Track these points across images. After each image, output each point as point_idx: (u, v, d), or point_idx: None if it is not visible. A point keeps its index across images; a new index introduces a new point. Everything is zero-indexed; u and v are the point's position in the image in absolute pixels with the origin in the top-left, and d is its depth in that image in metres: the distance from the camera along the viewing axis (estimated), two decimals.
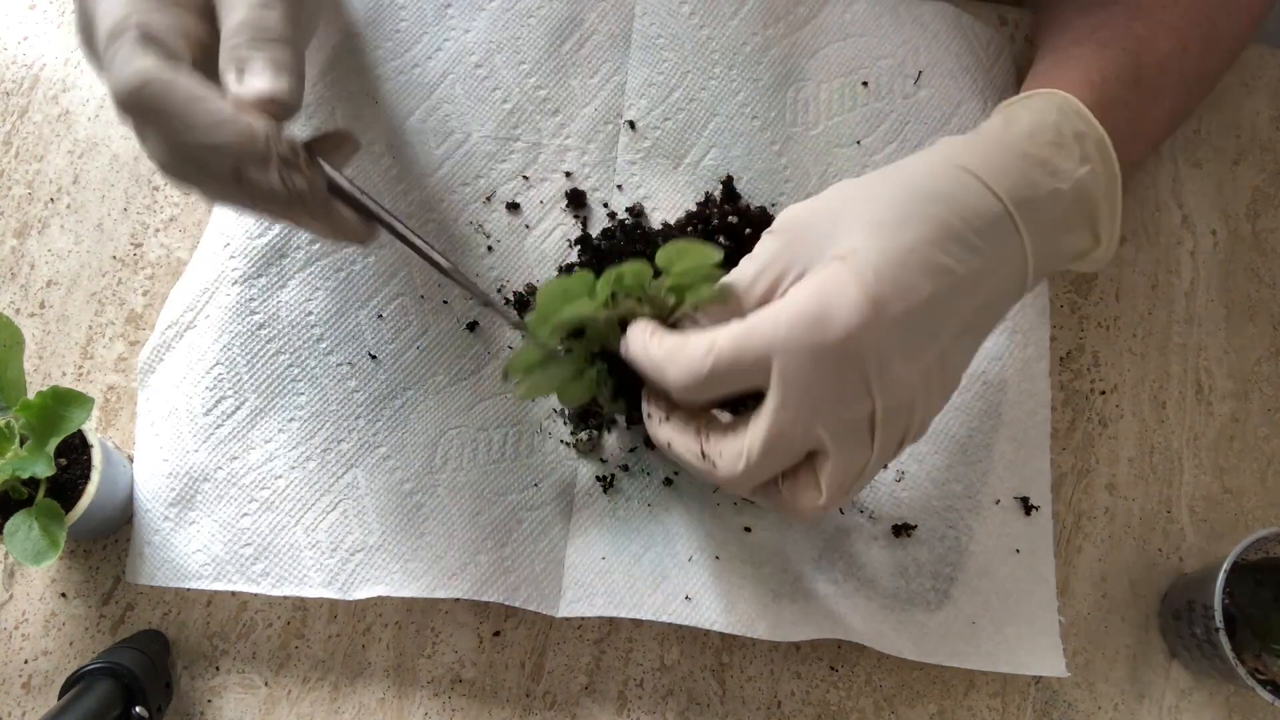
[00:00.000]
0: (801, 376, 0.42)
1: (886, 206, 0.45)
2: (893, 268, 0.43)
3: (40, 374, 0.62)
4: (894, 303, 0.42)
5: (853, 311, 0.41)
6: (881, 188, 0.46)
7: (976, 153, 0.47)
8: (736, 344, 0.43)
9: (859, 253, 0.43)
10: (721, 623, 0.56)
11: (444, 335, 0.62)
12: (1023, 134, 0.49)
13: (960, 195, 0.46)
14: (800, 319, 0.42)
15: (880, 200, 0.45)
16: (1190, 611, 0.58)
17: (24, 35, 0.67)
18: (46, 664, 0.58)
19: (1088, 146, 0.50)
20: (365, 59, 0.64)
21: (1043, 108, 0.51)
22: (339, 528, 0.58)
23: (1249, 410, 0.66)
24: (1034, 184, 0.47)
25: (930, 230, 0.44)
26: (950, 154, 0.47)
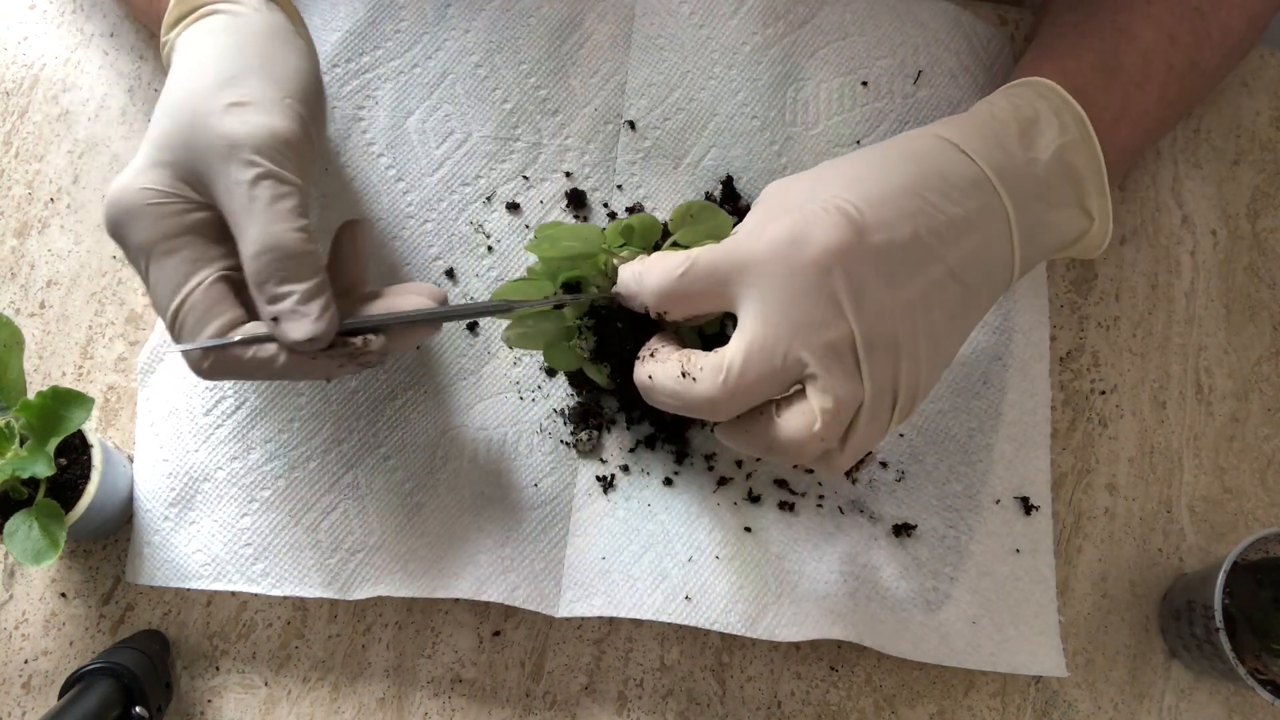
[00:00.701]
0: (778, 292, 0.44)
1: (866, 165, 0.47)
2: (873, 206, 0.45)
3: (40, 374, 0.62)
4: (873, 232, 0.44)
5: (831, 231, 0.43)
6: (862, 154, 0.49)
7: (954, 126, 0.50)
8: (714, 256, 0.46)
9: (840, 196, 0.45)
10: (721, 623, 0.56)
11: (444, 335, 0.62)
12: (1000, 112, 0.51)
13: (938, 158, 0.47)
14: (779, 238, 0.44)
15: (860, 161, 0.48)
16: (1190, 611, 0.58)
17: (24, 35, 0.67)
18: (46, 664, 0.58)
19: (1065, 119, 0.51)
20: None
21: (1020, 92, 0.53)
22: (339, 528, 0.58)
23: (1249, 410, 0.66)
24: (1011, 154, 0.49)
25: (910, 180, 0.46)
26: (930, 129, 0.50)
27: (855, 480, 0.61)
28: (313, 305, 0.45)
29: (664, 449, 0.61)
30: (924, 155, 0.47)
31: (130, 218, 0.45)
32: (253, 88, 0.46)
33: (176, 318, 0.45)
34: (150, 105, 0.66)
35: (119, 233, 0.46)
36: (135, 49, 0.68)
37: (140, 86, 0.67)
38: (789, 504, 0.60)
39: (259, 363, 0.45)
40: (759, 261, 0.44)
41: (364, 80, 0.64)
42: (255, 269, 0.44)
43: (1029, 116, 0.51)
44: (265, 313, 0.45)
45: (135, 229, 0.45)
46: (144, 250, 0.45)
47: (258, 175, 0.44)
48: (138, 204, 0.45)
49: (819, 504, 0.60)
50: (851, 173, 0.47)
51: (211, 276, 0.45)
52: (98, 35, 0.68)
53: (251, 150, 0.44)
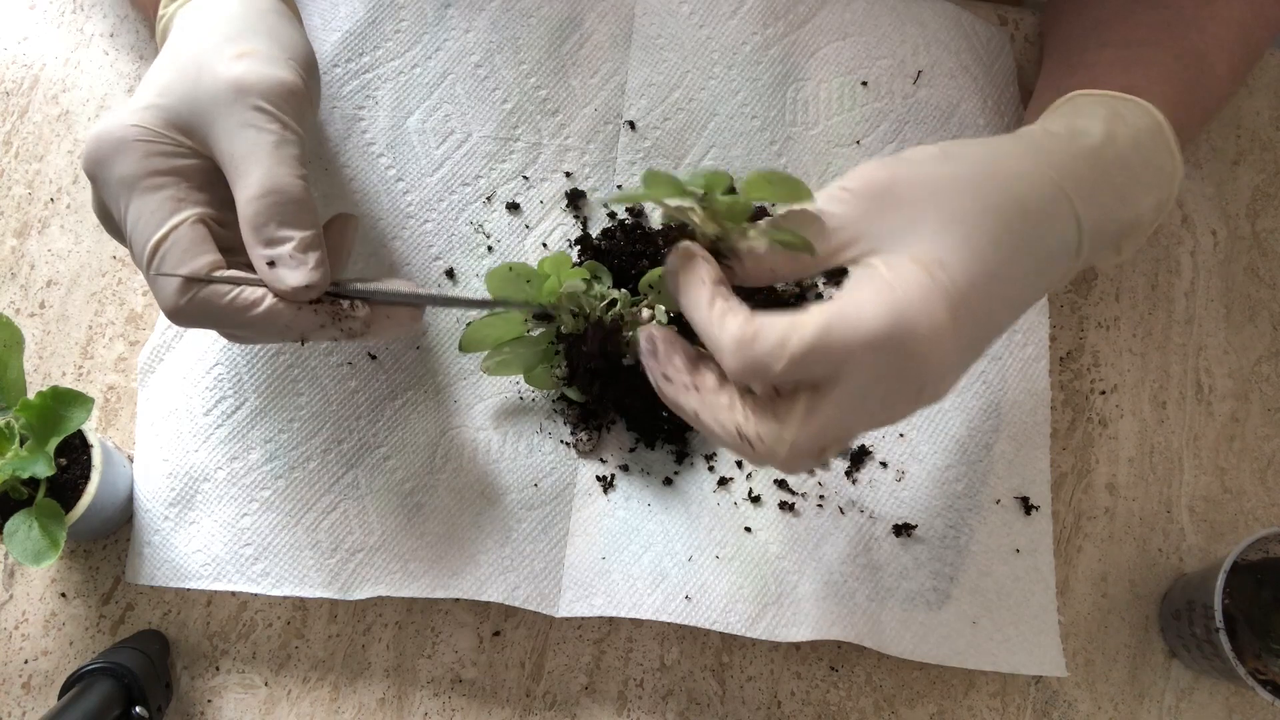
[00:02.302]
0: (869, 387, 0.41)
1: (979, 219, 0.43)
2: (980, 298, 0.42)
3: (40, 374, 0.62)
4: (973, 331, 0.42)
5: (936, 341, 0.40)
6: (972, 186, 0.44)
7: (1071, 169, 0.47)
8: (811, 350, 0.40)
9: (948, 270, 0.41)
10: (721, 623, 0.56)
11: (444, 335, 0.62)
12: (1115, 158, 0.49)
13: (1052, 221, 0.45)
14: (881, 336, 0.40)
15: (971, 207, 0.43)
16: (1190, 611, 0.58)
17: (24, 35, 0.67)
18: (46, 664, 0.58)
19: (1163, 178, 0.51)
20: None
21: (1136, 126, 0.51)
22: (339, 528, 0.58)
23: (1249, 410, 0.66)
24: (1110, 218, 0.48)
25: (1020, 259, 0.44)
26: (1047, 160, 0.46)
27: (855, 480, 0.61)
28: (310, 255, 0.45)
29: (664, 449, 0.61)
30: (1039, 218, 0.45)
31: (117, 151, 0.44)
32: (259, 43, 0.47)
33: (157, 251, 0.44)
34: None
35: (101, 167, 0.45)
36: (135, 49, 0.68)
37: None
38: (789, 504, 0.60)
39: (240, 306, 0.44)
40: (858, 358, 0.40)
41: (364, 80, 0.64)
42: (255, 211, 0.44)
43: (1138, 173, 0.49)
44: (260, 256, 0.44)
45: (120, 162, 0.44)
46: (127, 184, 0.44)
47: (265, 119, 0.44)
48: (127, 138, 0.44)
49: (819, 504, 0.60)
50: (961, 225, 0.43)
51: (195, 216, 0.45)
52: (98, 35, 0.68)
53: (259, 95, 0.45)
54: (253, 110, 0.44)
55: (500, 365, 0.59)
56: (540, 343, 0.58)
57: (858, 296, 0.41)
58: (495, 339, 0.58)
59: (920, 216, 0.43)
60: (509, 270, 0.54)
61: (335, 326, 0.47)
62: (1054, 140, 0.49)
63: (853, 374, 0.40)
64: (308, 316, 0.46)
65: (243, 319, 0.45)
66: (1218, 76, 0.56)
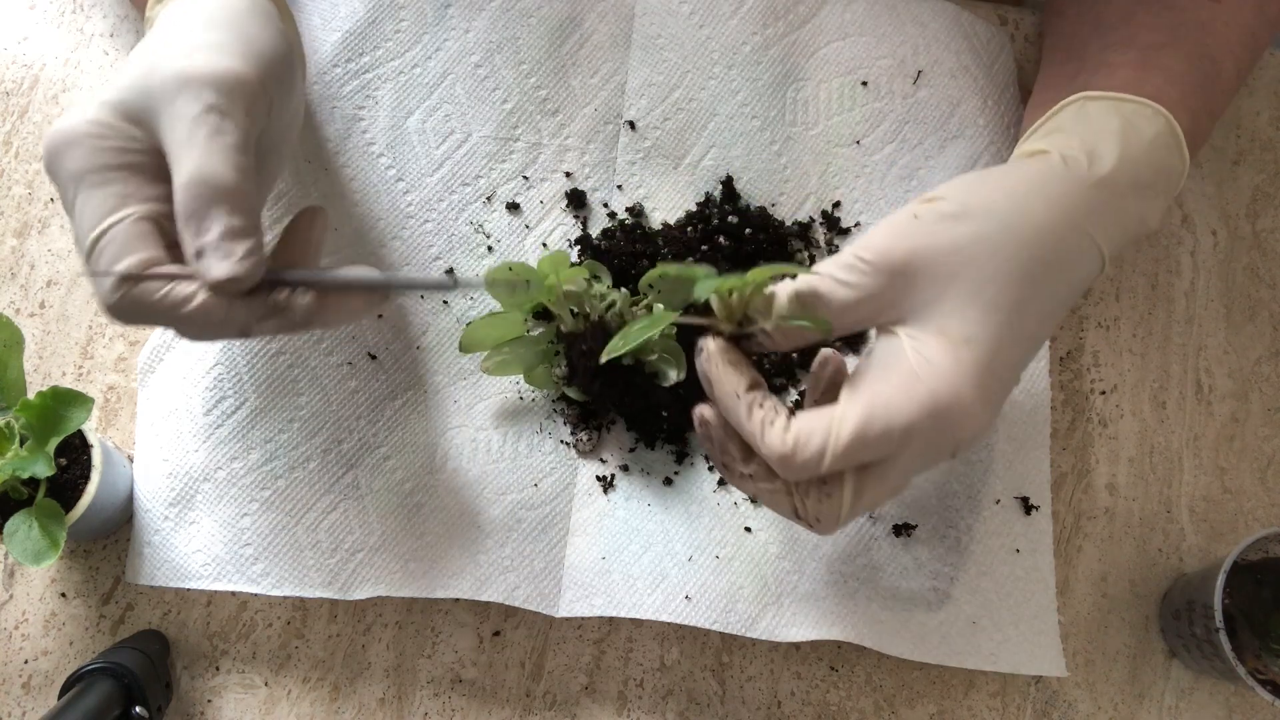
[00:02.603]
0: (907, 463, 0.44)
1: (1004, 286, 0.45)
2: (1005, 363, 0.45)
3: (40, 374, 0.62)
4: (1000, 390, 0.46)
5: (966, 416, 0.44)
6: (995, 251, 0.46)
7: (1093, 206, 0.48)
8: (849, 453, 0.43)
9: (974, 347, 0.44)
10: (721, 622, 0.56)
11: (444, 335, 0.62)
12: (1132, 181, 0.50)
13: (1077, 264, 0.48)
14: (916, 427, 0.43)
15: (996, 274, 0.45)
16: (1190, 611, 0.58)
17: (24, 35, 0.67)
18: (46, 664, 0.58)
19: (1172, 182, 0.53)
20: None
21: (1147, 135, 0.52)
22: (339, 528, 0.58)
23: (1249, 410, 0.66)
24: (1129, 237, 0.50)
25: (1045, 311, 0.47)
26: (1070, 203, 0.48)
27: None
28: (238, 245, 0.43)
29: (664, 449, 0.61)
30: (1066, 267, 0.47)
31: (68, 146, 0.44)
32: (216, 36, 0.46)
33: (95, 247, 0.43)
34: None
35: (55, 164, 0.44)
36: None
37: None
38: None
39: (173, 302, 0.43)
40: (897, 452, 0.44)
41: (364, 80, 0.64)
42: (184, 200, 0.43)
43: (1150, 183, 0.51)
44: (189, 247, 0.43)
45: (70, 157, 0.44)
46: (75, 179, 0.44)
47: (203, 108, 0.43)
48: (79, 133, 0.44)
49: None
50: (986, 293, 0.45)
51: (139, 213, 0.44)
52: (98, 35, 0.68)
53: (201, 84, 0.44)
54: (193, 100, 0.44)
55: (500, 365, 0.59)
56: (540, 342, 0.58)
57: (888, 389, 0.44)
58: (495, 339, 0.58)
59: (944, 292, 0.45)
60: (508, 269, 0.54)
61: (275, 319, 0.45)
62: (1073, 173, 0.49)
63: (891, 458, 0.44)
64: (241, 309, 0.44)
65: (176, 315, 0.43)
66: (1226, 78, 0.56)
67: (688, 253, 0.62)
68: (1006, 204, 0.47)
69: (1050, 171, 0.50)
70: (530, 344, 0.58)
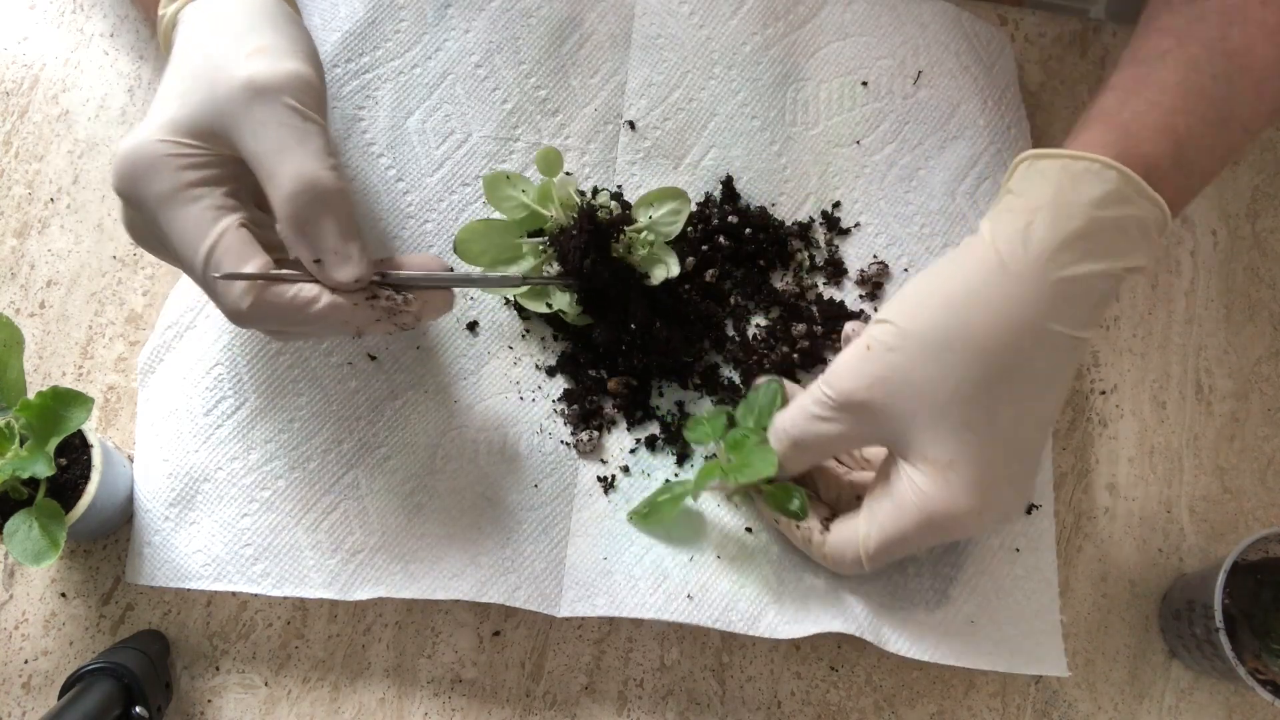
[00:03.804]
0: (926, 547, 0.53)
1: (965, 405, 0.48)
2: (1007, 472, 0.49)
3: (40, 374, 0.62)
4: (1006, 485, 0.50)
5: (969, 520, 0.49)
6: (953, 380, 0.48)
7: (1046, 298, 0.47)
8: (876, 561, 0.52)
9: (958, 468, 0.48)
10: (723, 621, 0.56)
11: (444, 335, 0.62)
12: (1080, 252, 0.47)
13: (1050, 359, 0.48)
14: (925, 538, 0.50)
15: (951, 396, 0.48)
16: (1190, 611, 0.58)
17: (24, 35, 0.67)
18: (46, 664, 0.58)
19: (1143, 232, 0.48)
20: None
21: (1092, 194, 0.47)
22: (339, 528, 0.58)
23: (1249, 410, 0.66)
24: (1099, 306, 0.48)
25: (1032, 415, 0.49)
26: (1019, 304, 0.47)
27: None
28: (352, 246, 0.45)
29: (664, 450, 0.61)
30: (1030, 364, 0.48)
31: (149, 169, 0.44)
32: (267, 39, 0.47)
33: (210, 257, 0.45)
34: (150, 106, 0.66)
35: (135, 187, 0.45)
36: (135, 49, 0.68)
37: (140, 86, 0.67)
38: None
39: (301, 303, 0.45)
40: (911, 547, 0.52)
41: (364, 80, 0.64)
42: (292, 209, 0.44)
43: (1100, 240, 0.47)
44: (306, 254, 0.45)
45: (155, 180, 0.45)
46: (165, 199, 0.45)
47: (286, 114, 0.44)
48: (157, 155, 0.44)
49: None
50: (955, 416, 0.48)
51: (238, 221, 0.45)
52: (98, 35, 0.68)
53: (278, 91, 0.45)
54: (272, 106, 0.44)
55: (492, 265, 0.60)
56: (533, 251, 0.60)
57: (895, 511, 0.50)
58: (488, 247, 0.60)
59: (912, 424, 0.49)
60: (505, 179, 0.59)
61: (390, 320, 0.48)
62: (1010, 267, 0.47)
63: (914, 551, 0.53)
64: (365, 312, 0.47)
65: (304, 315, 0.46)
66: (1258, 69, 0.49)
67: (688, 252, 0.62)
68: (945, 321, 0.48)
69: (987, 271, 0.47)
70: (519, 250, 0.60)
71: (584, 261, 0.57)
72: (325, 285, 0.46)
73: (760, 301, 0.64)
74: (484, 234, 0.59)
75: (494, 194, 0.60)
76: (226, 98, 0.45)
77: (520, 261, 0.60)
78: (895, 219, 0.65)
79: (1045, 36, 0.71)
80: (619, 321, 0.60)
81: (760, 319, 0.64)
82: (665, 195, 0.61)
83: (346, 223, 0.45)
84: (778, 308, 0.63)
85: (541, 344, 0.62)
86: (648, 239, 0.59)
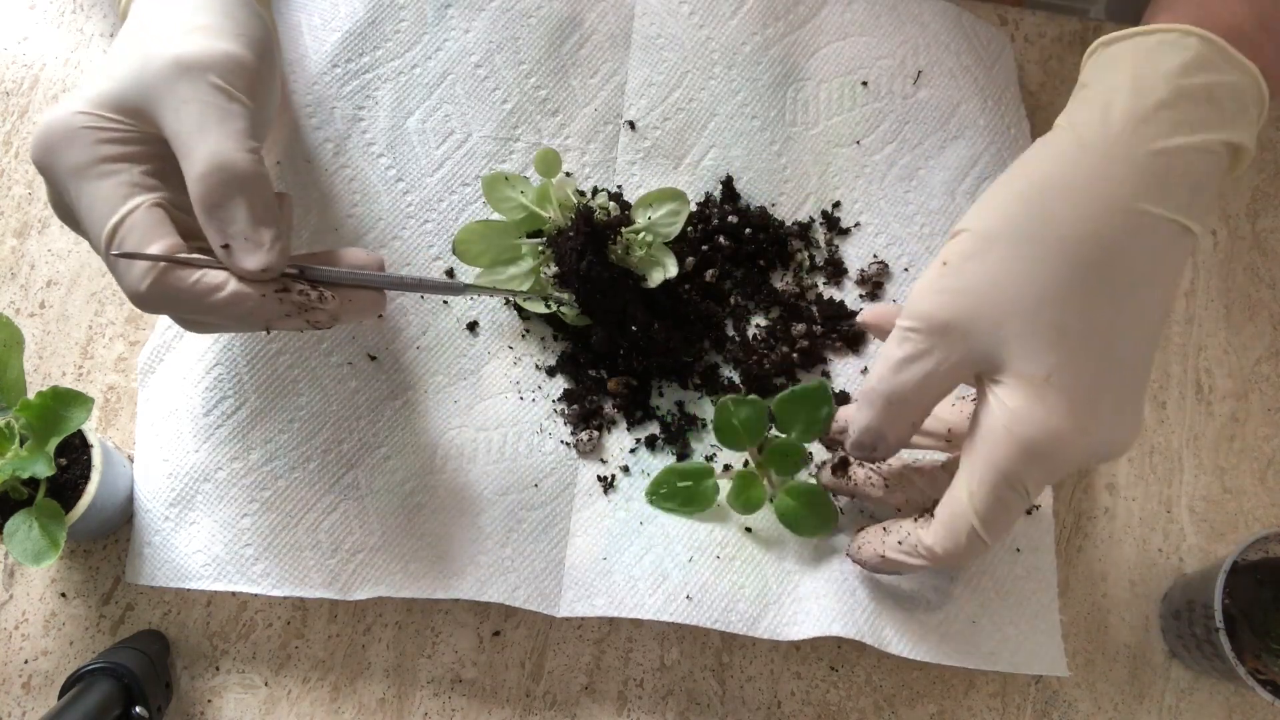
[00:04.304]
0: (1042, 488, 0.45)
1: (1059, 305, 0.43)
2: (1111, 382, 0.43)
3: (40, 374, 0.62)
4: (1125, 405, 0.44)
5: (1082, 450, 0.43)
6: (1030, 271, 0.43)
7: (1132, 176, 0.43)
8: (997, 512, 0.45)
9: (1056, 383, 0.43)
10: (723, 622, 0.56)
11: (444, 335, 0.62)
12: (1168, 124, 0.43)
13: (1150, 245, 0.43)
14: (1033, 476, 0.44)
15: (1042, 296, 0.43)
16: (1190, 611, 0.58)
17: (24, 35, 0.67)
18: (46, 664, 0.58)
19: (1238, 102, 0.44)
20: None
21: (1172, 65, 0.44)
22: (340, 528, 0.58)
23: (1249, 410, 0.66)
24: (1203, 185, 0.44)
25: (1136, 310, 0.43)
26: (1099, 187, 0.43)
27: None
28: (264, 233, 0.43)
29: (664, 449, 0.61)
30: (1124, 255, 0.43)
31: (66, 141, 0.43)
32: (206, 19, 0.46)
33: (115, 236, 0.42)
34: None
35: (49, 158, 0.43)
36: None
37: None
38: None
39: (204, 289, 0.43)
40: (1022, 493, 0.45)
41: (364, 80, 0.64)
42: (204, 190, 0.42)
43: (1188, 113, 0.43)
44: (215, 239, 0.43)
45: (70, 153, 0.43)
46: (75, 172, 0.43)
47: (208, 92, 0.43)
48: (74, 127, 0.43)
49: None
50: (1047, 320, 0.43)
51: (151, 200, 0.43)
52: (98, 35, 0.68)
53: (203, 69, 0.43)
54: (196, 84, 0.43)
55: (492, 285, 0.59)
56: (532, 252, 0.60)
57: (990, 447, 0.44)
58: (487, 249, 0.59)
59: (1003, 334, 0.43)
60: (504, 180, 0.60)
61: (301, 316, 0.45)
62: (1090, 146, 0.44)
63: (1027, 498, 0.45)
64: (273, 305, 0.44)
65: (207, 303, 0.43)
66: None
67: (688, 252, 0.62)
68: (1025, 213, 0.44)
69: (1064, 155, 0.44)
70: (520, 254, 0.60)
71: (580, 264, 0.57)
72: (233, 273, 0.43)
73: (760, 301, 0.64)
74: (483, 235, 0.59)
75: (492, 195, 0.60)
76: (154, 73, 0.43)
77: (519, 262, 0.60)
78: (895, 219, 0.65)
79: (1045, 36, 0.71)
80: (617, 324, 0.60)
81: (760, 319, 0.64)
82: (664, 196, 0.61)
83: (261, 209, 0.43)
84: (778, 308, 0.63)
85: (541, 344, 0.62)
86: (646, 240, 0.59)
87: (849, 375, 0.63)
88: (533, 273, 0.60)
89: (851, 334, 0.63)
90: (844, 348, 0.63)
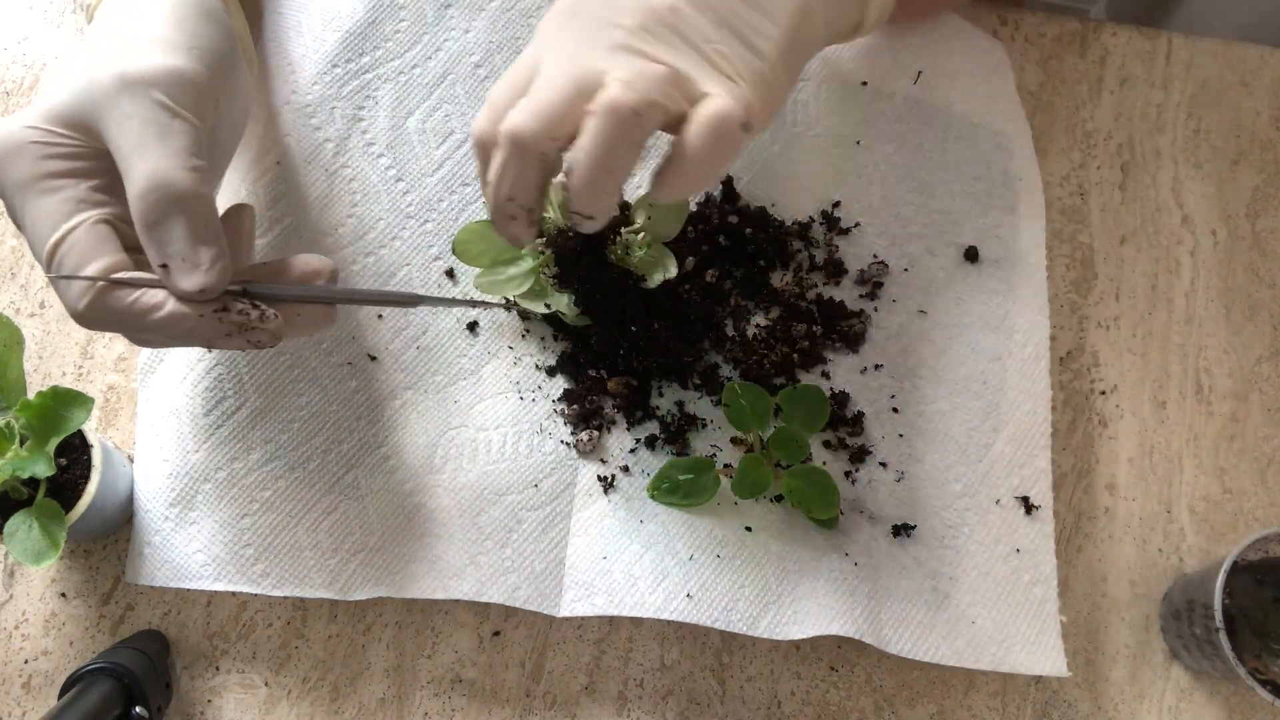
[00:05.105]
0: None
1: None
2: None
3: (40, 374, 0.62)
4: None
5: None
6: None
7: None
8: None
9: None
10: (724, 621, 0.56)
11: (444, 335, 0.62)
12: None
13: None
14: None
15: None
16: (1190, 611, 0.58)
17: (24, 35, 0.67)
18: (46, 664, 0.58)
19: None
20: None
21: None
22: (340, 528, 0.58)
23: (1249, 410, 0.66)
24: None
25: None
26: None
27: (855, 481, 0.61)
28: (203, 252, 0.42)
29: (664, 449, 0.61)
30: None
31: (13, 155, 0.42)
32: (165, 33, 0.45)
33: (55, 254, 0.42)
34: None
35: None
36: None
37: None
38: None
39: (141, 309, 0.42)
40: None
41: (364, 80, 0.64)
42: (143, 208, 0.42)
43: None
44: (153, 257, 0.42)
45: (15, 167, 0.42)
46: (21, 187, 0.42)
47: (151, 109, 0.42)
48: (22, 141, 0.42)
49: None
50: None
51: (95, 217, 0.43)
52: None
53: (147, 85, 0.43)
54: (139, 100, 0.42)
55: (493, 285, 0.59)
56: (529, 262, 0.59)
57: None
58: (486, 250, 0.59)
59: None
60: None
61: (241, 336, 0.44)
62: None
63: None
64: (210, 324, 0.43)
65: (145, 322, 0.43)
66: None
67: (688, 252, 0.62)
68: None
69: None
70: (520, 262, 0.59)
71: (580, 264, 0.57)
72: (171, 293, 0.43)
73: (760, 301, 0.64)
74: (483, 235, 0.59)
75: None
76: (100, 88, 0.43)
77: (519, 262, 0.60)
78: (895, 219, 0.65)
79: (1045, 36, 0.71)
80: (617, 324, 0.60)
81: (760, 319, 0.64)
82: None
83: (201, 228, 0.42)
84: (778, 308, 0.63)
85: (541, 344, 0.62)
86: (645, 240, 0.59)
87: (849, 375, 0.63)
88: (532, 273, 0.60)
89: (851, 334, 0.63)
90: (844, 347, 0.63)
